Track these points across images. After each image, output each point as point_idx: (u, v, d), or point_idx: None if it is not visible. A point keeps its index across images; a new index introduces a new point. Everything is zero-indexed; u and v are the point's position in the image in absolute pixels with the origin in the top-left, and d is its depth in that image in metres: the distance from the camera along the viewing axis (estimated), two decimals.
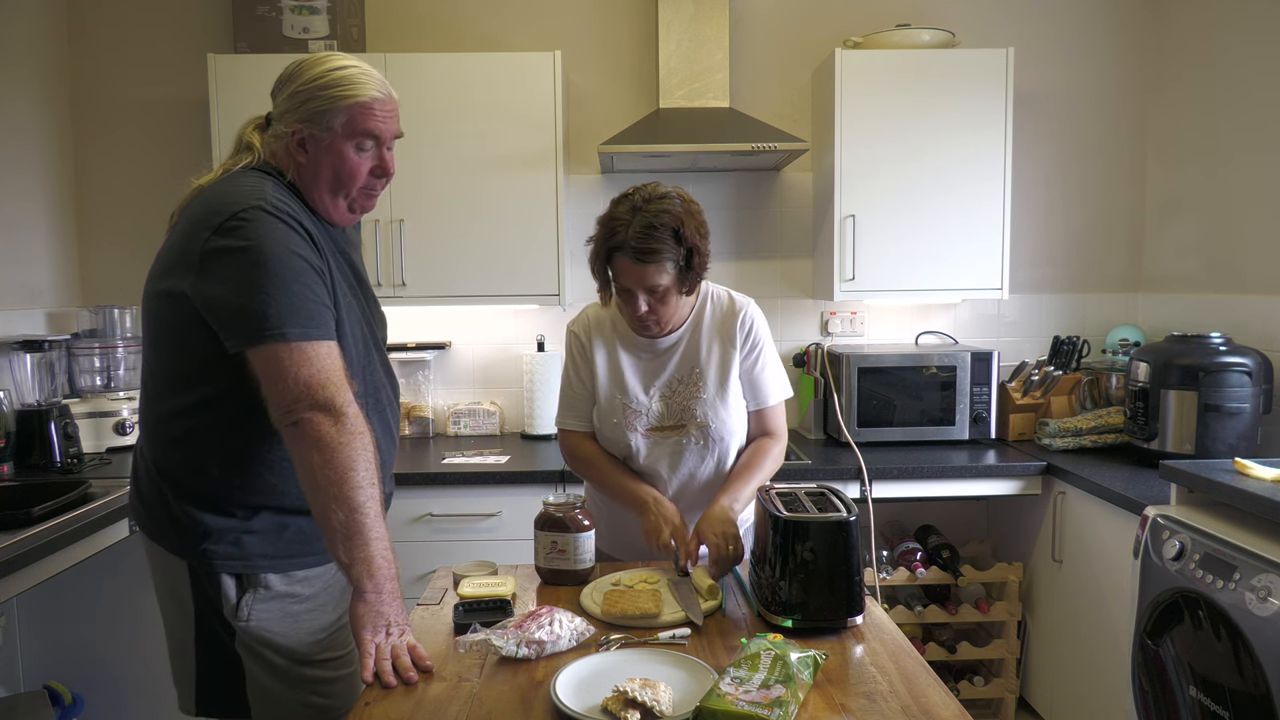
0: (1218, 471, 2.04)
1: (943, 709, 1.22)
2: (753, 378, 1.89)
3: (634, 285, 1.72)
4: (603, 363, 1.88)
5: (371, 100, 1.48)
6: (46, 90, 3.05)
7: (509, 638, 1.37)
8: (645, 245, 1.67)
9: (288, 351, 1.34)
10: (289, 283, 1.35)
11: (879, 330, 3.36)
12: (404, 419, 3.25)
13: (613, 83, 3.26)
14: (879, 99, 2.93)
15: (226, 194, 1.41)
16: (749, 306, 1.91)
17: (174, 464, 1.49)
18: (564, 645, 1.40)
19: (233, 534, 1.46)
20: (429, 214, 2.92)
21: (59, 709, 2.48)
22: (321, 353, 1.37)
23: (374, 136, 1.50)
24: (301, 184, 1.51)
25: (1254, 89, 2.78)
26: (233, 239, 1.35)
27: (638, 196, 1.72)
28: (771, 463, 1.86)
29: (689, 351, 1.87)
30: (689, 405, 1.84)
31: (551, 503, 1.75)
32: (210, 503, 1.46)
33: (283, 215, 1.39)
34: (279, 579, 1.49)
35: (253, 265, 1.34)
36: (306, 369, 1.34)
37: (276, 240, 1.36)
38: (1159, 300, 3.25)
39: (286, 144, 1.49)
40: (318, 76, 1.47)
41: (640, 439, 1.85)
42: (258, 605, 1.48)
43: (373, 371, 1.57)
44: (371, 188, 1.54)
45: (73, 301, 3.16)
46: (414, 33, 3.20)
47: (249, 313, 1.34)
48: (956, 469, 2.77)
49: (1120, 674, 2.26)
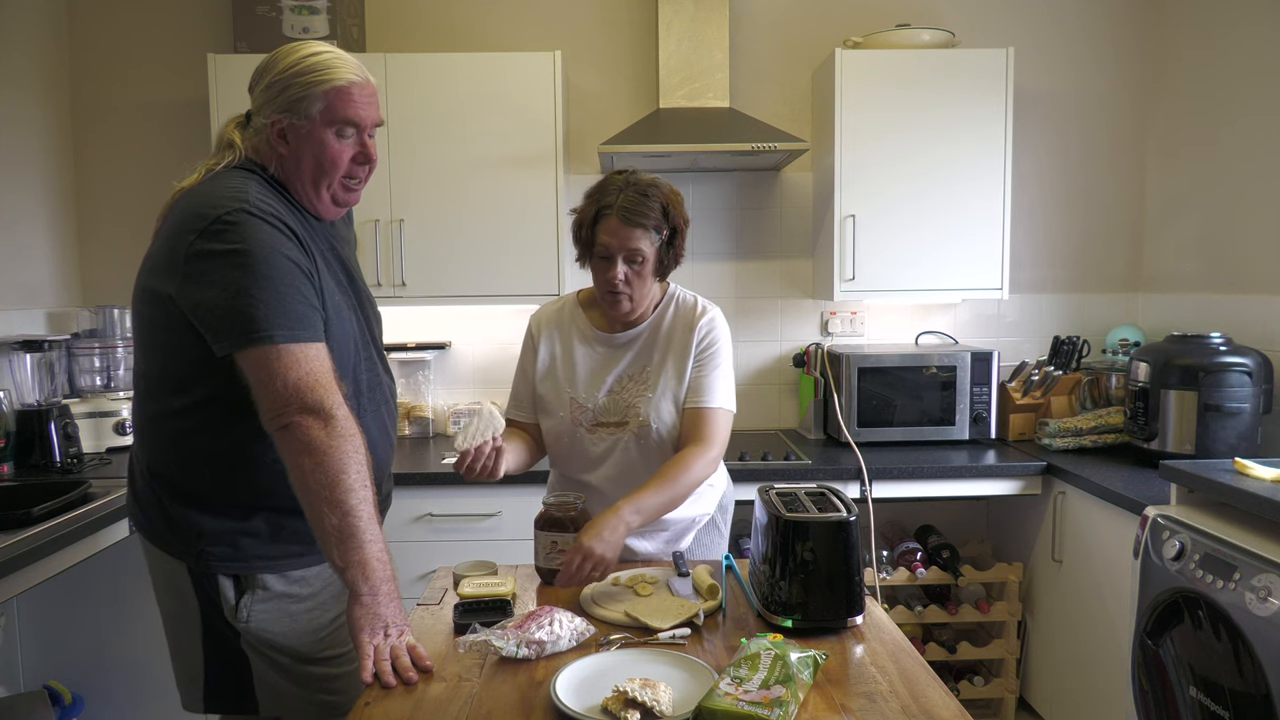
0: (1218, 471, 2.04)
1: (943, 709, 1.22)
2: (697, 378, 1.84)
3: (616, 248, 1.73)
4: (551, 355, 1.89)
5: (349, 84, 1.46)
6: (46, 90, 3.05)
7: (509, 638, 1.36)
8: (636, 207, 1.72)
9: (275, 354, 1.33)
10: (276, 284, 1.34)
11: (879, 330, 3.36)
12: (404, 419, 3.25)
13: (613, 83, 3.26)
14: (879, 99, 2.93)
15: (210, 197, 1.39)
16: (713, 314, 1.88)
17: (167, 465, 1.49)
18: (564, 645, 1.39)
19: (229, 535, 1.46)
20: (429, 214, 2.92)
21: (59, 709, 2.48)
22: (310, 354, 1.36)
23: (354, 123, 1.48)
24: (284, 176, 1.49)
25: (1254, 89, 2.78)
26: (218, 242, 1.34)
27: (630, 174, 1.78)
28: (689, 475, 1.73)
29: (644, 349, 1.86)
30: (634, 403, 1.83)
31: (551, 502, 1.75)
32: (205, 504, 1.46)
33: (267, 216, 1.38)
34: (276, 579, 1.49)
35: (238, 268, 1.33)
36: (295, 371, 1.34)
37: (262, 242, 1.35)
38: (1159, 300, 3.25)
39: (267, 136, 1.47)
40: (293, 64, 1.45)
41: (585, 434, 1.85)
42: (256, 606, 1.47)
43: (366, 370, 1.56)
44: (354, 176, 1.53)
45: (73, 301, 3.16)
46: (414, 33, 3.20)
47: (235, 316, 1.33)
48: (956, 469, 2.77)
49: (1120, 674, 2.25)
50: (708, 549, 1.97)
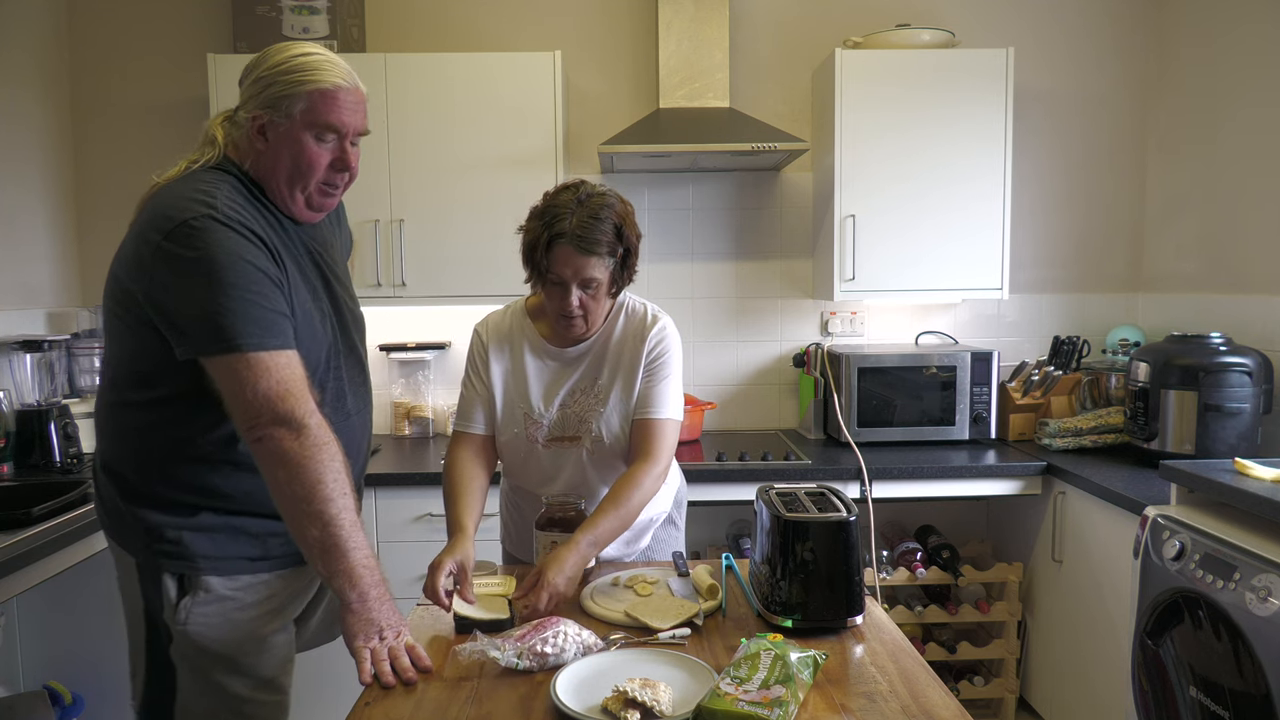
0: (1218, 471, 2.04)
1: (943, 709, 1.22)
2: (646, 389, 1.78)
3: (571, 277, 1.67)
4: (504, 369, 1.82)
5: (335, 88, 1.43)
6: (46, 90, 3.05)
7: (507, 648, 1.32)
8: (589, 234, 1.64)
9: (244, 363, 1.31)
10: (242, 291, 1.32)
11: (879, 330, 3.36)
12: (404, 419, 3.25)
13: (613, 83, 3.26)
14: (879, 99, 2.93)
15: (178, 199, 1.36)
16: (663, 323, 1.82)
17: (118, 458, 1.47)
18: (569, 658, 1.34)
19: (174, 531, 1.43)
20: (429, 214, 2.92)
21: (59, 709, 2.47)
22: (280, 362, 1.33)
23: (334, 128, 1.44)
24: (260, 174, 1.46)
25: (1255, 88, 2.78)
26: (183, 248, 1.31)
27: (580, 190, 1.70)
28: (641, 494, 1.69)
29: (594, 362, 1.81)
30: (586, 417, 1.79)
31: (552, 503, 1.75)
32: (153, 499, 1.44)
33: (234, 224, 1.35)
34: (220, 581, 1.45)
35: (203, 274, 1.31)
36: (265, 380, 1.31)
37: (228, 249, 1.32)
38: (1159, 300, 3.25)
39: (247, 131, 1.45)
40: (282, 62, 1.43)
41: (540, 449, 1.81)
42: (197, 609, 1.43)
43: (334, 381, 1.52)
44: (331, 183, 1.49)
45: (72, 301, 3.16)
46: (414, 33, 3.20)
47: (201, 322, 1.31)
48: (956, 469, 2.77)
49: (1120, 674, 2.25)
50: (667, 544, 1.97)
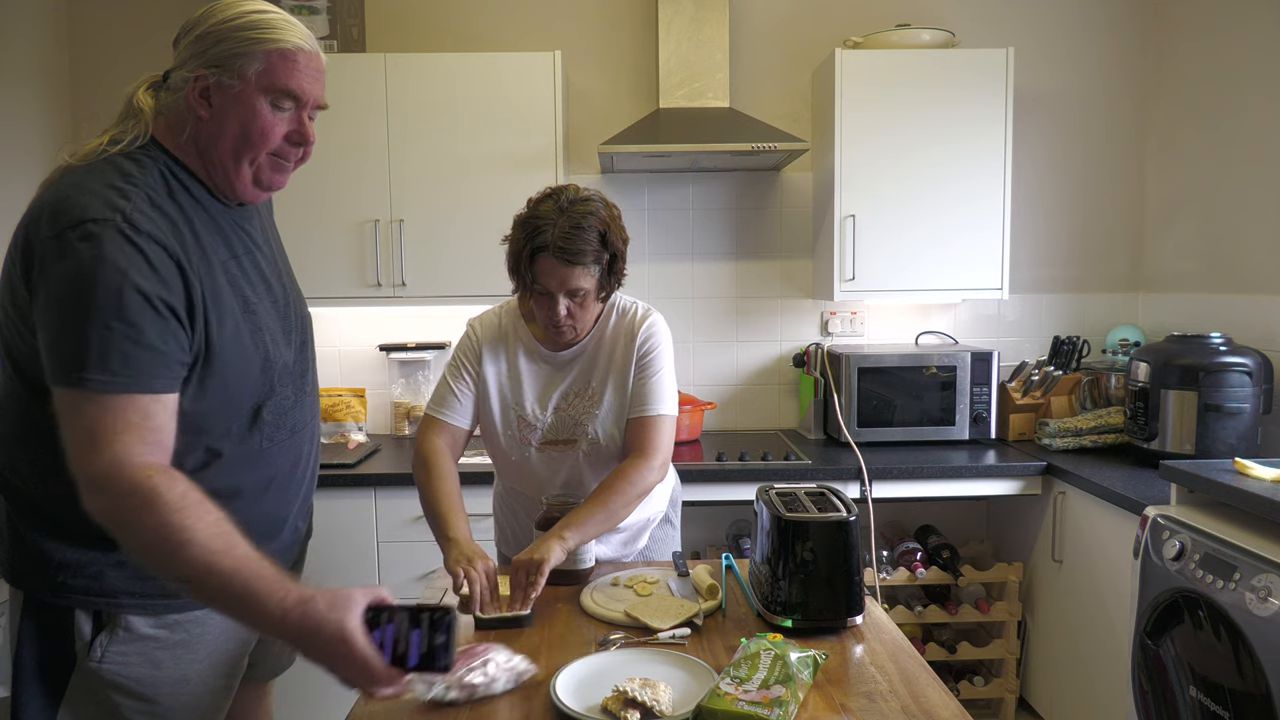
0: (1218, 471, 2.04)
1: (943, 709, 1.22)
2: (639, 385, 1.77)
3: (557, 288, 1.65)
4: (497, 371, 1.81)
5: (296, 49, 1.26)
6: (46, 90, 3.05)
7: (436, 682, 1.24)
8: (573, 245, 1.62)
9: (79, 401, 1.11)
10: (108, 319, 1.11)
11: (879, 330, 3.36)
12: (404, 419, 3.24)
13: (613, 83, 3.26)
14: (879, 99, 2.93)
15: (86, 191, 1.18)
16: (653, 319, 1.81)
17: (10, 466, 1.26)
18: (499, 688, 1.26)
19: (93, 567, 1.23)
20: (429, 214, 2.92)
21: None
22: (119, 406, 1.11)
23: (294, 95, 1.26)
24: (199, 146, 1.27)
25: (1255, 88, 2.78)
26: (68, 252, 1.13)
27: (562, 198, 1.68)
28: (632, 489, 1.67)
29: (587, 364, 1.80)
30: (581, 420, 1.78)
31: (552, 503, 1.75)
32: (61, 526, 1.22)
33: (140, 236, 1.15)
34: (145, 621, 1.27)
35: (75, 293, 1.12)
36: (99, 423, 1.10)
37: (115, 268, 1.12)
38: (1159, 300, 3.25)
39: (185, 96, 1.25)
40: (234, 18, 1.24)
41: (534, 453, 1.80)
42: (115, 647, 1.25)
43: (272, 400, 1.34)
44: (284, 156, 1.31)
45: None
46: (414, 33, 3.20)
47: (58, 343, 1.13)
48: (956, 469, 2.77)
49: (1120, 674, 2.26)
50: (664, 544, 1.97)
